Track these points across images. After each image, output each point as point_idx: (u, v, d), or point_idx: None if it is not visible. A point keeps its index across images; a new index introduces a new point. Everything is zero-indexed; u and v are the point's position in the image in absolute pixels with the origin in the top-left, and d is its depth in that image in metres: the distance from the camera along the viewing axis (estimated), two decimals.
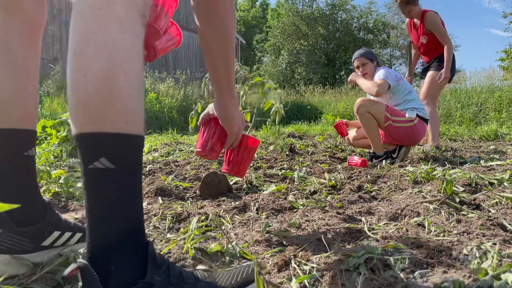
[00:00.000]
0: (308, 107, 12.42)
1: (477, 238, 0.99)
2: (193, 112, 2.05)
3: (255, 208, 1.46)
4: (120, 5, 0.60)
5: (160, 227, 1.24)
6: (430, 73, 3.56)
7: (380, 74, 2.77)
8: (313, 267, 0.83)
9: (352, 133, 3.23)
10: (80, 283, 0.57)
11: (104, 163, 0.58)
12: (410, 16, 3.59)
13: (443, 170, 1.96)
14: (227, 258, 0.94)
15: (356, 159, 2.55)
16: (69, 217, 1.40)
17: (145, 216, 1.38)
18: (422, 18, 3.50)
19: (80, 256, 0.88)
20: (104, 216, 0.60)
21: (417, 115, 2.72)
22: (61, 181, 1.75)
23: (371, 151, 2.83)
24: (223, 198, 1.66)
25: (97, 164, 0.58)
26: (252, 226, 1.24)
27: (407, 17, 3.65)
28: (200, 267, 0.86)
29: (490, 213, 1.26)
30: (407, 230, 1.09)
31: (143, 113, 0.64)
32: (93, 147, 0.59)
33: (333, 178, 1.97)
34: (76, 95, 0.59)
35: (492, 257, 0.82)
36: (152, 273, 0.61)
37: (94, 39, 0.58)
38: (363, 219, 1.27)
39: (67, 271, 0.57)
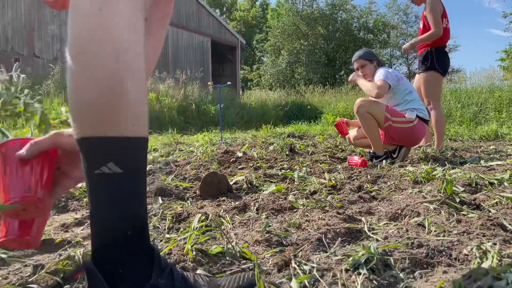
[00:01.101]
0: (308, 107, 12.42)
1: (477, 238, 0.99)
2: None
3: (255, 208, 1.46)
4: (124, 0, 0.57)
5: (160, 227, 1.24)
6: (420, 76, 3.51)
7: (380, 75, 2.77)
8: (313, 267, 0.83)
9: (352, 132, 3.23)
10: (87, 285, 0.57)
11: (112, 168, 0.56)
12: (414, 2, 3.63)
13: (443, 170, 1.96)
14: (228, 258, 0.94)
15: (356, 159, 2.55)
16: (69, 217, 1.40)
17: None
18: (425, 2, 3.49)
19: (85, 258, 0.88)
20: (111, 221, 0.58)
21: (417, 116, 2.72)
22: None
23: (371, 151, 2.83)
24: (223, 198, 1.66)
25: (104, 169, 0.56)
26: (252, 226, 1.24)
27: (414, 3, 3.66)
28: (200, 271, 0.86)
29: (490, 213, 1.25)
30: (407, 230, 1.09)
31: (147, 114, 0.62)
32: (100, 152, 0.56)
33: (333, 178, 1.97)
34: (81, 97, 0.55)
35: (492, 257, 0.82)
36: (156, 276, 0.61)
37: (99, 37, 0.55)
38: (363, 219, 1.27)
39: (73, 271, 0.56)
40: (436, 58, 3.40)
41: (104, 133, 0.55)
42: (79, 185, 0.77)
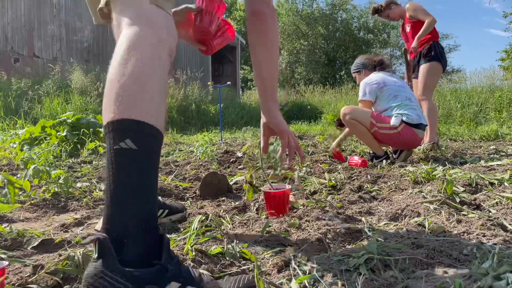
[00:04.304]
0: (308, 107, 12.40)
1: (477, 238, 0.99)
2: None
3: (255, 208, 1.46)
4: (158, 40, 0.76)
5: (160, 227, 1.24)
6: (422, 67, 3.61)
7: (360, 93, 2.82)
8: (313, 267, 0.83)
9: None
10: (95, 255, 0.61)
11: (128, 144, 0.66)
12: (391, 19, 3.81)
13: (443, 170, 1.96)
14: (228, 259, 0.94)
15: (356, 159, 2.55)
16: (68, 217, 1.40)
17: None
18: (405, 12, 3.67)
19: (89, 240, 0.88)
20: (121, 192, 0.66)
21: (403, 121, 2.61)
22: (60, 181, 1.75)
23: (371, 151, 2.83)
24: (223, 198, 1.66)
25: (122, 145, 0.66)
26: (252, 226, 1.24)
27: (390, 20, 3.86)
28: (201, 271, 0.86)
29: (490, 213, 1.25)
30: (407, 230, 1.09)
31: (164, 115, 0.74)
32: (121, 130, 0.67)
33: (333, 178, 1.97)
34: (114, 88, 0.69)
35: (492, 257, 0.82)
36: (166, 260, 0.65)
37: (137, 53, 0.72)
38: (363, 219, 1.27)
39: (85, 240, 0.62)
40: (439, 51, 3.55)
41: (126, 115, 0.67)
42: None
